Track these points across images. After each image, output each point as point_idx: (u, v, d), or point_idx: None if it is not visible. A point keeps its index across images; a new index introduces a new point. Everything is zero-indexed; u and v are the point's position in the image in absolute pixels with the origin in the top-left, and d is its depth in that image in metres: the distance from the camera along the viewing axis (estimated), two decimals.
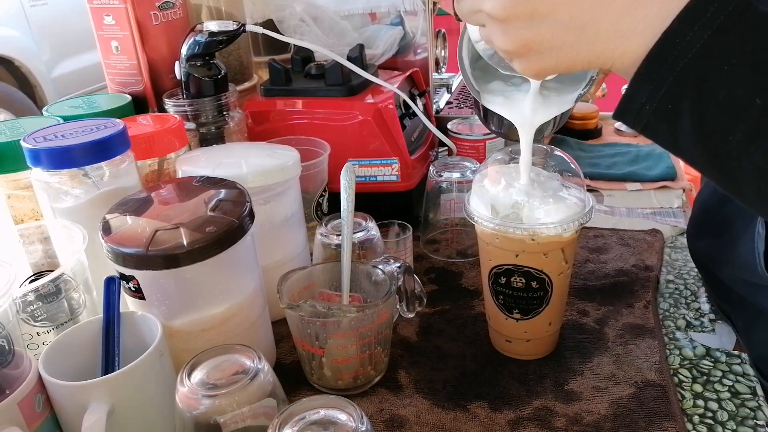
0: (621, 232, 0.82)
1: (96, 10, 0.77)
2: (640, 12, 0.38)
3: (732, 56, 0.35)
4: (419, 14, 0.98)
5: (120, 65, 0.80)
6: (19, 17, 3.23)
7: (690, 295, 0.70)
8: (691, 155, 0.39)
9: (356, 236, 0.62)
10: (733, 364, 0.59)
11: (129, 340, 0.52)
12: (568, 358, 0.61)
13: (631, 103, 0.39)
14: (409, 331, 0.66)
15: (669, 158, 1.01)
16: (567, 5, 0.39)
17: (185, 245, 0.49)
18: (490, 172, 0.58)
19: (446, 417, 0.55)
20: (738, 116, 0.35)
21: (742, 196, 0.39)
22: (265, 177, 0.62)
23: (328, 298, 0.61)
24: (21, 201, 0.64)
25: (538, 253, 0.55)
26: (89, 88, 3.44)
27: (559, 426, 0.53)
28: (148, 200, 0.56)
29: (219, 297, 0.54)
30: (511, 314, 0.59)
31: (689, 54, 0.35)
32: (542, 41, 0.41)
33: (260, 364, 0.45)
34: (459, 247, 0.80)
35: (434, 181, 0.79)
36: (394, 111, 0.81)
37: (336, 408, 0.40)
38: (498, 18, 0.41)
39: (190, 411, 0.43)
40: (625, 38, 0.38)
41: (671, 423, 0.52)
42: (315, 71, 0.85)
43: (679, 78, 0.36)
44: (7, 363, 0.45)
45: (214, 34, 0.74)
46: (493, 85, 0.56)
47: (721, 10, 0.35)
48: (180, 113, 0.75)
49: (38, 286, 0.51)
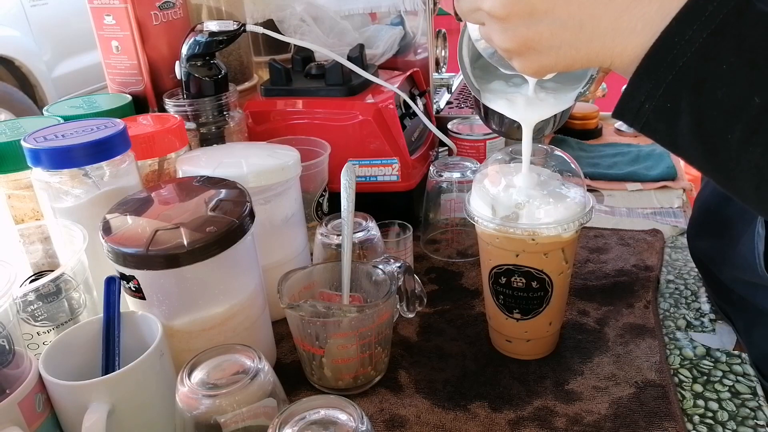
0: (621, 232, 0.82)
1: (96, 10, 0.77)
2: (639, 10, 0.38)
3: (730, 55, 0.35)
4: (419, 14, 0.98)
5: (120, 65, 0.80)
6: (19, 17, 3.24)
7: (690, 295, 0.70)
8: (690, 154, 0.39)
9: (356, 236, 0.62)
10: (734, 364, 0.59)
11: (129, 340, 0.52)
12: (569, 358, 0.61)
13: (631, 102, 0.39)
14: (409, 331, 0.66)
15: (669, 158, 1.01)
16: (566, 4, 0.39)
17: (185, 245, 0.49)
18: (491, 172, 0.58)
19: (446, 417, 0.55)
20: (736, 115, 0.35)
21: (740, 195, 0.39)
22: (266, 177, 0.62)
23: (328, 298, 0.61)
24: (21, 201, 0.64)
25: (539, 253, 0.55)
26: (89, 88, 3.45)
27: (559, 426, 0.53)
28: (148, 200, 0.56)
29: (219, 297, 0.54)
30: (511, 314, 0.59)
31: (688, 53, 0.36)
32: (541, 39, 0.41)
33: (260, 363, 0.45)
34: (459, 247, 0.80)
35: (434, 181, 0.79)
36: (394, 111, 0.81)
37: (336, 408, 0.40)
38: (497, 16, 0.41)
39: (191, 411, 0.43)
40: (624, 37, 0.38)
41: (671, 423, 0.52)
42: (315, 71, 0.85)
43: (678, 77, 0.36)
44: (7, 363, 0.45)
45: (215, 34, 0.74)
46: (493, 85, 0.56)
47: (720, 9, 0.35)
48: (180, 113, 0.75)
49: (38, 285, 0.51)
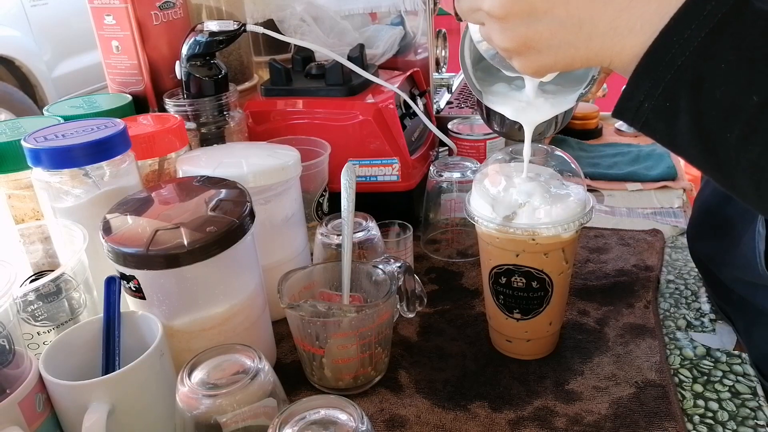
0: (621, 232, 0.82)
1: (96, 10, 0.77)
2: (638, 10, 0.38)
3: (729, 54, 0.35)
4: (420, 14, 0.98)
5: (120, 65, 0.80)
6: (19, 17, 3.24)
7: (690, 295, 0.70)
8: (689, 153, 0.39)
9: (357, 236, 0.62)
10: (734, 364, 0.59)
11: (129, 340, 0.52)
12: (569, 358, 0.61)
13: (630, 101, 0.39)
14: (409, 331, 0.66)
15: (669, 158, 1.01)
16: (564, 3, 0.39)
17: (186, 245, 0.49)
18: (491, 171, 0.58)
19: (446, 417, 0.55)
20: (735, 114, 0.35)
21: (740, 194, 0.39)
22: (266, 177, 0.62)
23: (328, 298, 0.61)
24: (22, 201, 0.64)
25: (539, 253, 0.55)
26: (90, 87, 3.45)
27: (559, 426, 0.53)
28: (148, 200, 0.56)
29: (219, 297, 0.54)
30: (511, 314, 0.59)
31: (687, 52, 0.36)
32: (540, 39, 0.41)
33: (260, 363, 0.45)
34: (459, 247, 0.80)
35: (435, 180, 0.79)
36: (394, 111, 0.81)
37: (336, 408, 0.40)
38: (497, 16, 0.41)
39: (191, 411, 0.43)
40: (623, 36, 0.38)
41: (671, 423, 0.52)
42: (315, 71, 0.85)
43: (677, 76, 0.36)
44: (7, 363, 0.45)
45: (215, 33, 0.74)
46: (496, 87, 0.56)
47: (719, 9, 0.35)
48: (180, 113, 0.75)
49: (39, 285, 0.51)
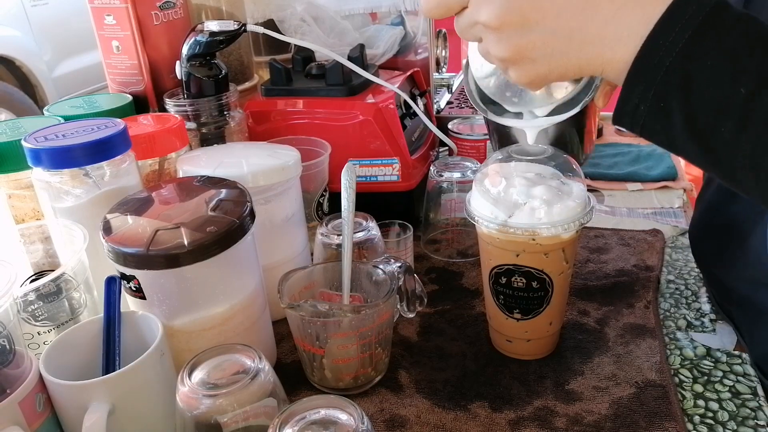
0: (622, 232, 0.82)
1: (97, 10, 0.77)
2: (624, 20, 0.39)
3: (713, 52, 0.37)
4: (420, 14, 0.98)
5: (121, 65, 0.80)
6: (20, 17, 3.24)
7: (691, 296, 0.70)
8: (688, 152, 0.41)
9: (357, 236, 0.62)
10: (734, 365, 0.59)
11: (129, 340, 0.52)
12: (569, 358, 0.61)
13: (626, 106, 0.41)
14: (409, 331, 0.66)
15: (670, 158, 1.01)
16: (555, 14, 0.41)
17: (186, 245, 0.49)
18: (491, 171, 0.58)
19: (447, 417, 0.55)
20: (725, 109, 0.37)
21: (743, 188, 0.40)
22: (266, 177, 0.62)
23: (328, 298, 0.61)
24: (22, 201, 0.64)
25: (539, 253, 0.55)
26: (90, 87, 3.45)
27: (559, 426, 0.53)
28: (148, 200, 0.56)
29: (220, 297, 0.54)
30: (511, 314, 0.59)
31: (673, 53, 0.37)
32: (534, 48, 0.43)
33: (261, 363, 0.45)
34: (459, 247, 0.80)
35: (435, 180, 0.79)
36: (394, 111, 0.81)
37: (336, 408, 0.40)
38: (492, 27, 0.43)
39: (191, 410, 0.43)
40: (612, 46, 0.40)
41: (672, 423, 0.52)
42: (316, 71, 0.85)
43: (666, 77, 0.38)
44: (7, 362, 0.45)
45: (215, 33, 0.74)
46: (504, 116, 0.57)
47: (700, 11, 0.37)
48: (181, 113, 0.75)
49: (39, 285, 0.51)
